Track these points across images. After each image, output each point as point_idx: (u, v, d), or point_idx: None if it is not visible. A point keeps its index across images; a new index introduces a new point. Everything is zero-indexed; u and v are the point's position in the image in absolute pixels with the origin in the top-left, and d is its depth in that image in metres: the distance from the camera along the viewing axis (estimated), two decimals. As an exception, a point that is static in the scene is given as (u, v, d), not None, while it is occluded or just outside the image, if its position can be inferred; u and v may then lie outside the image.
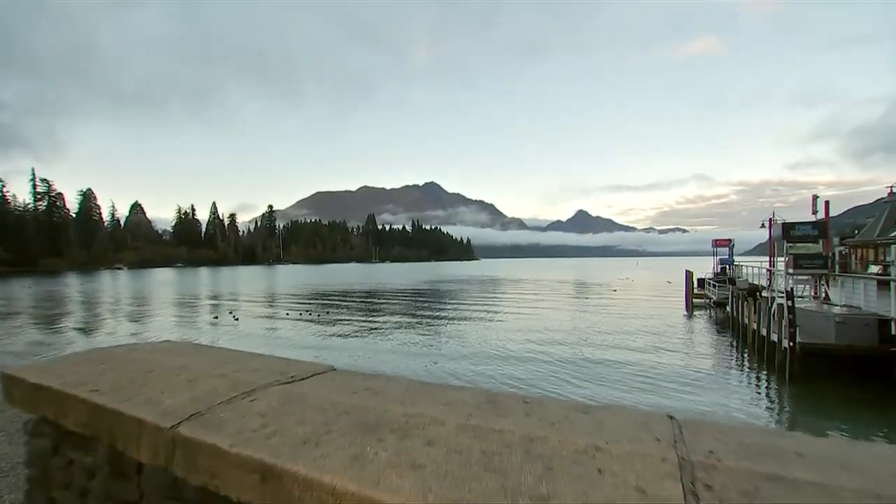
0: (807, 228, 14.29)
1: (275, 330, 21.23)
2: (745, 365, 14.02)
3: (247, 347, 16.59)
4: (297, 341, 17.60)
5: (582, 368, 11.67)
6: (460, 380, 10.70)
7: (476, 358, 12.94)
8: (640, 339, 17.09)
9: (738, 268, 27.80)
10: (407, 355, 13.56)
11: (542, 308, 27.80)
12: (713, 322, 22.66)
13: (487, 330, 18.52)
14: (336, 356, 13.79)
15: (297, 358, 2.22)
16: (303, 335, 19.40)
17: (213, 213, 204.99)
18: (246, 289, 52.04)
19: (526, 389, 9.71)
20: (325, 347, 16.42)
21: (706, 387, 11.10)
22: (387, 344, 16.63)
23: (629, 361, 12.70)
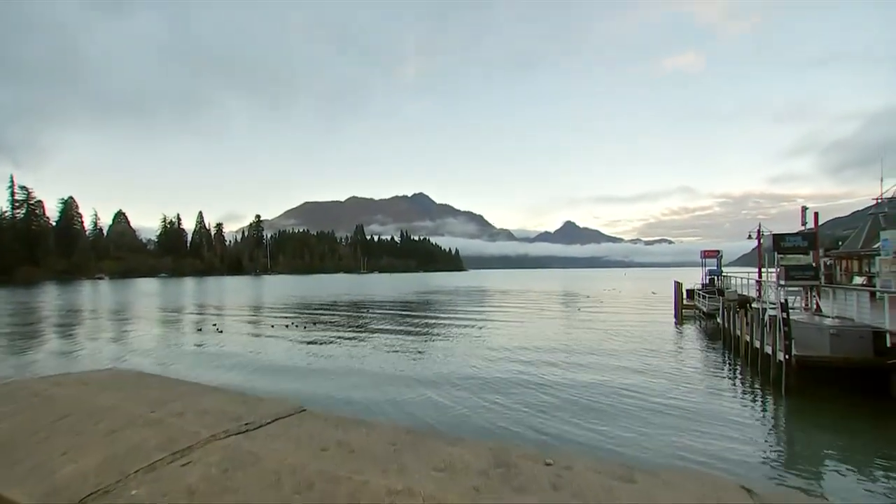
0: (797, 240, 14.23)
1: (258, 343, 20.55)
2: (740, 378, 13.77)
3: (227, 362, 15.94)
4: (278, 356, 16.94)
5: (574, 396, 11.06)
6: (446, 409, 10.02)
7: (462, 382, 12.07)
8: (631, 355, 16.66)
9: (726, 279, 27.85)
10: (390, 380, 12.68)
11: (529, 321, 27.41)
12: (704, 333, 22.49)
13: (474, 347, 17.85)
14: (316, 378, 12.97)
15: (269, 385, 1.82)
16: (285, 349, 18.76)
17: (200, 223, 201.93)
18: (231, 300, 50.86)
19: (517, 422, 9.11)
20: (306, 364, 15.78)
21: (704, 408, 10.76)
22: (371, 359, 16.08)
23: (623, 386, 11.97)
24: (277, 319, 29.76)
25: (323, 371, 13.99)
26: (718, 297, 23.20)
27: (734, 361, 15.88)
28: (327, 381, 12.71)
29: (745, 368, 14.66)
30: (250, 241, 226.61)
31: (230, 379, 13.15)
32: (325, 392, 11.43)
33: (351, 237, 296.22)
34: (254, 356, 16.81)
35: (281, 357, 16.66)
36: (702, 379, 13.36)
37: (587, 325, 24.91)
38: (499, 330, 23.11)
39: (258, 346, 19.05)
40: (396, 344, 18.73)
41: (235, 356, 16.81)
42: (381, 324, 27.21)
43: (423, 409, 9.88)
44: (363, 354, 16.65)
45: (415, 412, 9.70)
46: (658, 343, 19.31)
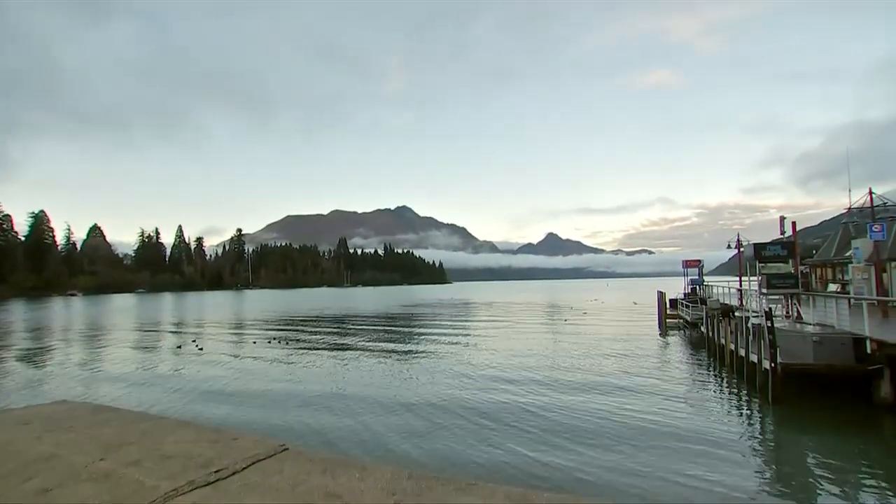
0: (777, 249, 14.47)
1: (239, 363, 19.91)
2: (727, 387, 13.79)
3: (206, 386, 15.09)
4: (260, 378, 16.33)
5: (559, 416, 10.54)
6: (435, 438, 9.26)
7: (450, 406, 11.32)
8: (618, 368, 16.46)
9: (708, 288, 28.22)
10: (376, 405, 11.74)
11: (514, 335, 27.10)
12: (688, 343, 22.66)
13: (461, 365, 17.05)
14: (299, 402, 12.03)
15: (249, 414, 1.56)
16: (267, 366, 18.22)
17: (179, 237, 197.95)
18: (212, 315, 49.60)
19: (510, 451, 8.58)
20: (288, 387, 15.18)
21: (693, 420, 10.65)
22: (355, 379, 15.57)
23: (609, 403, 11.39)
24: (260, 335, 29.06)
25: (306, 395, 13.09)
26: (701, 306, 23.43)
27: (720, 370, 15.93)
28: (311, 407, 11.92)
29: (730, 377, 14.71)
30: (231, 256, 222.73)
31: (206, 408, 12.06)
32: (309, 421, 10.58)
33: (334, 251, 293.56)
34: (234, 378, 16.01)
35: (262, 379, 15.96)
36: (689, 389, 13.32)
37: (572, 337, 24.83)
38: (484, 344, 22.81)
39: (239, 366, 18.27)
40: (380, 361, 18.29)
41: (215, 378, 15.90)
42: (364, 339, 26.75)
43: (413, 440, 9.19)
44: (346, 374, 15.97)
45: (406, 444, 8.97)
46: (644, 354, 19.31)
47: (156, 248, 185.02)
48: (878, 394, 10.72)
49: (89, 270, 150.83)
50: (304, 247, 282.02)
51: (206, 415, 11.16)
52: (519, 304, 60.76)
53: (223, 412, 11.52)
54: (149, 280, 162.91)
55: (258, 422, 10.61)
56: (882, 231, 15.67)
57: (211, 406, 12.24)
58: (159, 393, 14.04)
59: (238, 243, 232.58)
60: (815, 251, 21.61)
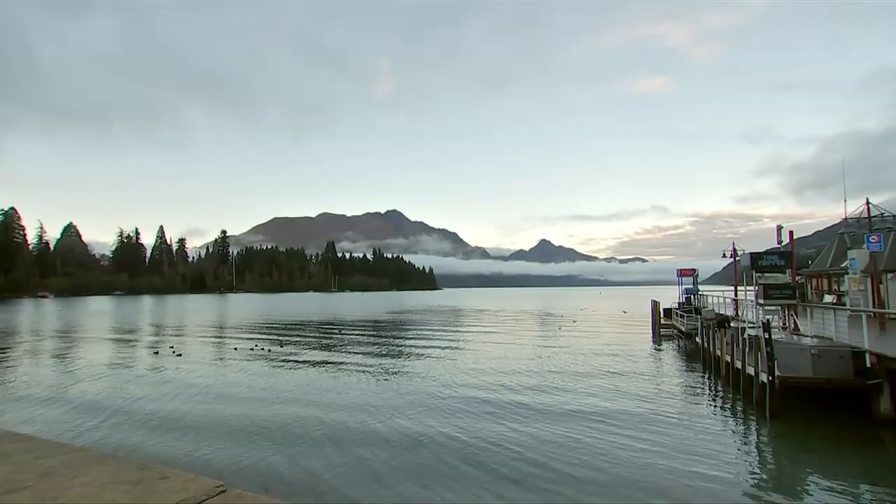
0: (774, 258, 14.43)
1: (219, 367, 19.54)
2: (722, 401, 13.67)
3: (163, 398, 14.10)
4: (231, 388, 15.82)
5: (553, 435, 9.96)
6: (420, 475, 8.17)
7: (417, 440, 9.94)
8: (610, 381, 16.17)
9: (702, 297, 28.28)
10: (344, 435, 10.40)
11: (505, 344, 26.77)
12: (682, 353, 22.59)
13: (450, 377, 16.45)
14: (265, 419, 11.23)
15: (209, 437, 1.26)
16: (248, 375, 17.76)
17: (160, 238, 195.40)
18: (193, 320, 48.72)
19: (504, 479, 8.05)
20: (258, 399, 14.72)
21: (689, 437, 10.46)
22: (330, 393, 15.19)
23: (603, 421, 10.86)
24: (242, 341, 28.52)
25: (273, 417, 11.96)
26: (696, 316, 23.42)
27: (715, 383, 15.82)
28: (273, 433, 10.53)
29: (726, 390, 14.59)
30: (215, 258, 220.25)
31: (150, 435, 10.47)
32: (267, 452, 9.27)
33: (321, 254, 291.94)
34: (200, 393, 14.94)
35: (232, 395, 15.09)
36: (683, 403, 13.17)
37: (563, 350, 24.50)
38: (474, 354, 22.41)
39: (213, 378, 17.54)
40: (360, 378, 17.73)
41: (179, 393, 14.92)
42: (347, 349, 26.31)
43: (376, 484, 7.88)
44: (322, 392, 14.97)
45: (367, 491, 7.69)
46: (637, 366, 19.15)
47: (135, 250, 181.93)
48: (878, 409, 10.65)
49: (63, 272, 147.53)
50: (291, 250, 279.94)
51: (147, 443, 9.86)
52: (509, 313, 60.59)
53: (168, 440, 10.12)
54: (127, 282, 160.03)
55: (207, 453, 9.27)
56: (879, 242, 15.74)
57: (157, 432, 10.68)
58: (106, 413, 12.29)
59: (222, 245, 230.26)
60: (809, 261, 21.73)
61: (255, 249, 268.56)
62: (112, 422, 11.68)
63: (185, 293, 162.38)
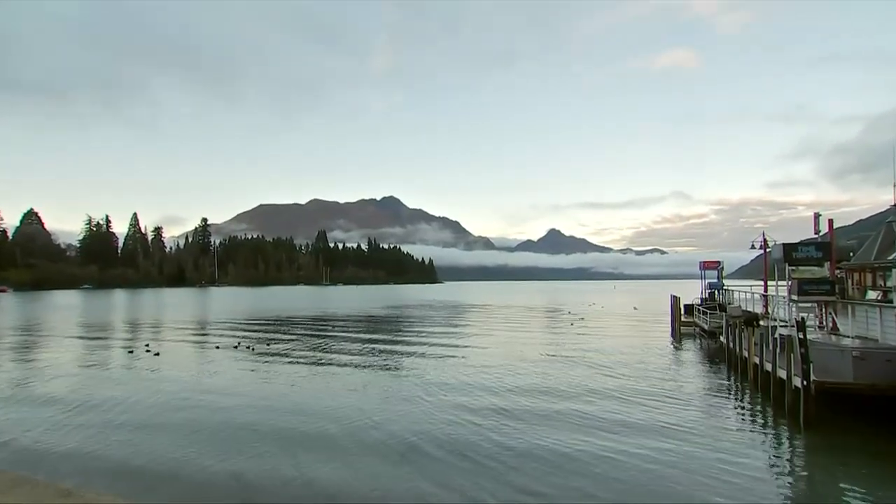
0: (810, 250, 14.10)
1: (200, 366, 19.52)
2: (750, 408, 13.46)
3: (156, 392, 14.40)
4: (220, 386, 15.74)
5: (568, 449, 9.60)
6: None
7: (400, 460, 9.29)
8: (623, 384, 15.86)
9: (728, 292, 28.03)
10: (317, 452, 10.06)
11: (511, 344, 26.26)
12: (705, 354, 22.42)
13: (451, 383, 16.04)
14: (261, 411, 11.34)
15: None
16: (231, 376, 17.64)
17: (134, 226, 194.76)
18: (172, 316, 48.64)
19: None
20: (250, 395, 14.66)
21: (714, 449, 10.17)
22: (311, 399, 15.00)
23: (622, 434, 10.73)
24: (224, 339, 28.46)
25: (242, 424, 11.68)
26: (721, 313, 23.22)
27: (742, 387, 15.64)
28: (232, 445, 10.05)
29: (754, 395, 14.42)
30: (195, 249, 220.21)
31: (95, 444, 10.18)
32: (216, 469, 8.86)
33: (312, 245, 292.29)
34: (194, 379, 15.10)
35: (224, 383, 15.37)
36: (707, 411, 12.93)
37: (575, 347, 24.31)
38: (478, 356, 21.79)
39: (195, 375, 17.53)
40: (356, 373, 17.60)
41: (163, 392, 14.94)
42: (341, 345, 26.21)
43: None
44: (313, 391, 14.90)
45: None
46: (654, 367, 18.96)
47: (106, 239, 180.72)
48: (925, 418, 10.40)
49: (24, 263, 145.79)
50: (279, 240, 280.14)
51: (92, 461, 9.26)
52: (515, 308, 60.48)
53: (124, 454, 9.59)
54: (97, 275, 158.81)
55: (148, 470, 8.83)
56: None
57: (112, 444, 10.17)
58: (55, 421, 11.74)
59: (203, 235, 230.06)
60: (850, 253, 21.31)
61: (239, 239, 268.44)
62: (64, 430, 11.36)
63: (163, 287, 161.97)
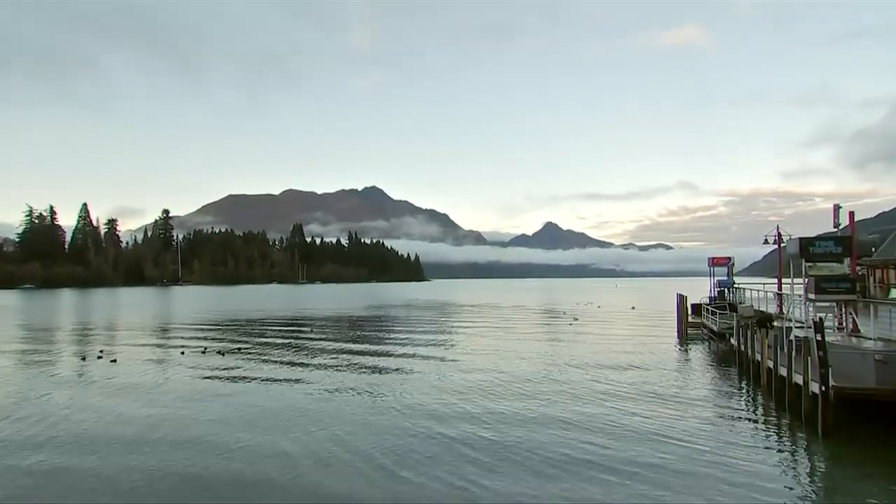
0: (829, 245, 14.22)
1: (162, 373, 19.33)
2: (763, 415, 13.54)
3: (106, 407, 13.76)
4: (182, 394, 15.48)
5: (566, 468, 9.36)
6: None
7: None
8: (625, 390, 15.86)
9: (739, 291, 28.28)
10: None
11: (503, 349, 25.71)
12: (713, 357, 22.62)
13: (436, 394, 15.82)
14: (225, 428, 10.99)
15: None
16: (196, 385, 17.33)
17: (84, 218, 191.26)
18: (129, 318, 48.15)
19: None
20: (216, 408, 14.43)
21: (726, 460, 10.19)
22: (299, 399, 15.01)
23: (622, 447, 10.60)
24: (190, 343, 28.16)
25: (238, 411, 12.05)
26: (731, 313, 23.40)
27: (754, 393, 15.77)
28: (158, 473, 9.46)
29: (768, 402, 14.50)
30: (155, 243, 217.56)
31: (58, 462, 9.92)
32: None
33: (287, 239, 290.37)
34: (155, 390, 14.73)
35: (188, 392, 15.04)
36: (717, 418, 12.98)
37: (571, 353, 24.11)
38: (467, 362, 21.36)
39: (165, 374, 17.11)
40: (334, 382, 17.18)
41: (134, 388, 14.81)
42: (318, 351, 26.06)
43: None
44: (285, 404, 14.58)
45: None
46: (658, 372, 19.03)
47: (50, 233, 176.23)
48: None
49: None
50: (250, 234, 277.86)
51: None
52: (507, 308, 60.67)
53: None
54: (40, 273, 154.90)
55: None
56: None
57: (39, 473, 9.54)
58: None
59: (164, 228, 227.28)
60: (873, 249, 21.62)
61: (205, 233, 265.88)
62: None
63: (118, 286, 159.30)
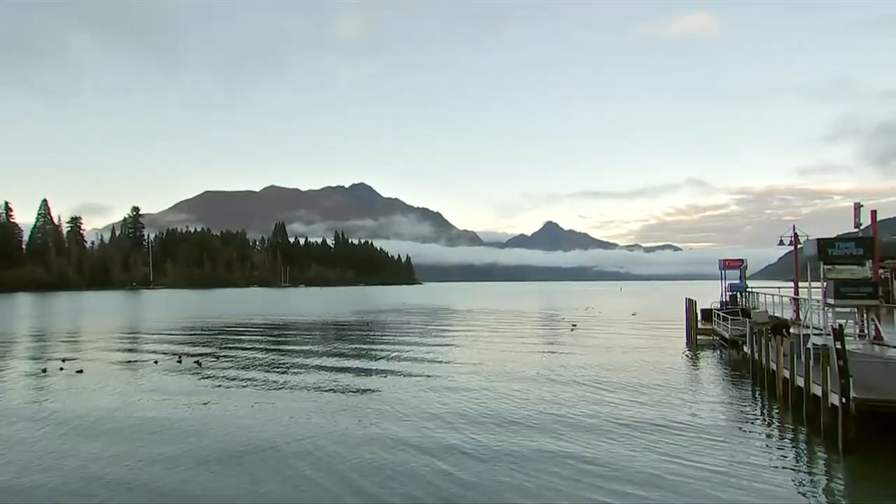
0: (849, 246, 14.25)
1: (134, 386, 19.09)
2: (779, 428, 13.49)
3: (72, 426, 13.37)
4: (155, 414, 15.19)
5: None
6: None
7: None
8: (631, 401, 15.78)
9: (752, 295, 28.39)
10: None
11: (489, 359, 25.13)
12: (725, 366, 22.65)
13: (429, 411, 15.90)
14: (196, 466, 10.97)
15: None
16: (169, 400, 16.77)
17: (44, 216, 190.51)
18: (95, 325, 47.63)
19: None
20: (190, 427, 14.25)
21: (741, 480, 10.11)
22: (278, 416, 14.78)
23: (628, 464, 10.40)
24: (164, 352, 27.91)
25: (215, 434, 11.84)
26: (744, 319, 23.49)
27: (769, 405, 15.74)
28: None
29: (784, 414, 14.46)
30: (124, 243, 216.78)
31: None
32: None
33: (268, 239, 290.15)
34: (125, 408, 14.53)
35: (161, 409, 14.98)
36: (729, 432, 12.86)
37: (571, 365, 23.62)
38: (457, 380, 20.27)
39: (138, 387, 17.04)
40: (316, 399, 17.00)
41: (100, 405, 14.60)
42: (299, 361, 25.91)
43: None
44: (265, 422, 14.19)
45: None
46: (666, 382, 18.97)
47: (6, 231, 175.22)
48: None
49: None
50: (228, 234, 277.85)
51: None
52: (503, 314, 60.63)
53: None
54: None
55: None
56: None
57: None
58: None
59: (133, 227, 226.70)
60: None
61: (179, 232, 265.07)
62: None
63: (82, 290, 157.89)
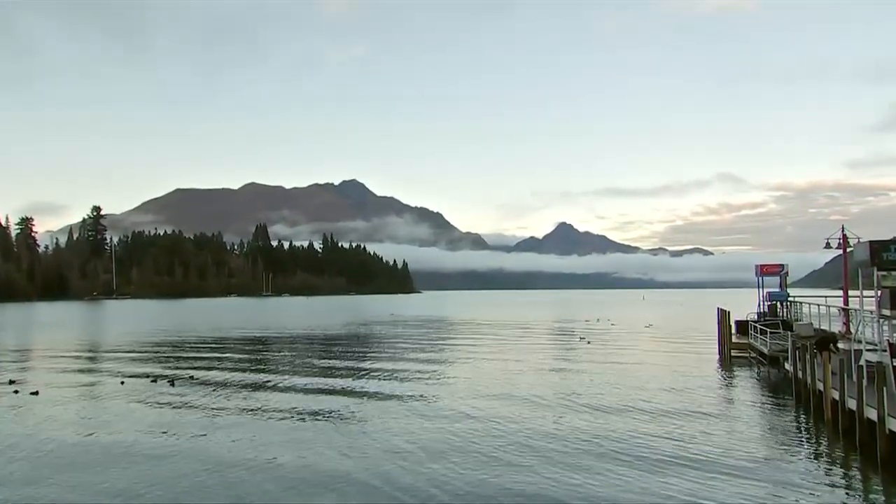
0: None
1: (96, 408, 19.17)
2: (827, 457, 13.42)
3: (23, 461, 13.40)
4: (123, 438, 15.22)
5: None
6: None
7: None
8: (659, 428, 15.83)
9: (794, 305, 28.30)
10: None
11: (492, 379, 25.17)
12: (764, 386, 22.64)
13: (411, 427, 16.11)
14: None
15: None
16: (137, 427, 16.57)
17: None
18: (50, 340, 47.72)
19: None
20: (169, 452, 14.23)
21: None
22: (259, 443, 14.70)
23: None
24: (130, 370, 28.12)
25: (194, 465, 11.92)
26: (785, 332, 23.41)
27: (816, 430, 15.68)
28: None
29: (834, 441, 14.38)
30: (83, 248, 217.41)
31: None
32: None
33: (248, 243, 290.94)
34: (85, 439, 14.57)
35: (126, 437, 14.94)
36: (771, 462, 12.74)
37: (585, 387, 23.17)
38: (454, 407, 19.81)
39: (100, 408, 17.19)
40: (301, 428, 16.96)
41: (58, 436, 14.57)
42: (284, 379, 26.02)
43: None
44: (242, 459, 14.26)
45: None
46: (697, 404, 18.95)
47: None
48: None
49: None
50: (202, 237, 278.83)
51: None
52: (509, 326, 60.67)
53: None
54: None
55: None
56: None
57: None
58: None
59: (94, 229, 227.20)
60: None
61: (146, 235, 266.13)
62: None
63: (34, 300, 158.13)
